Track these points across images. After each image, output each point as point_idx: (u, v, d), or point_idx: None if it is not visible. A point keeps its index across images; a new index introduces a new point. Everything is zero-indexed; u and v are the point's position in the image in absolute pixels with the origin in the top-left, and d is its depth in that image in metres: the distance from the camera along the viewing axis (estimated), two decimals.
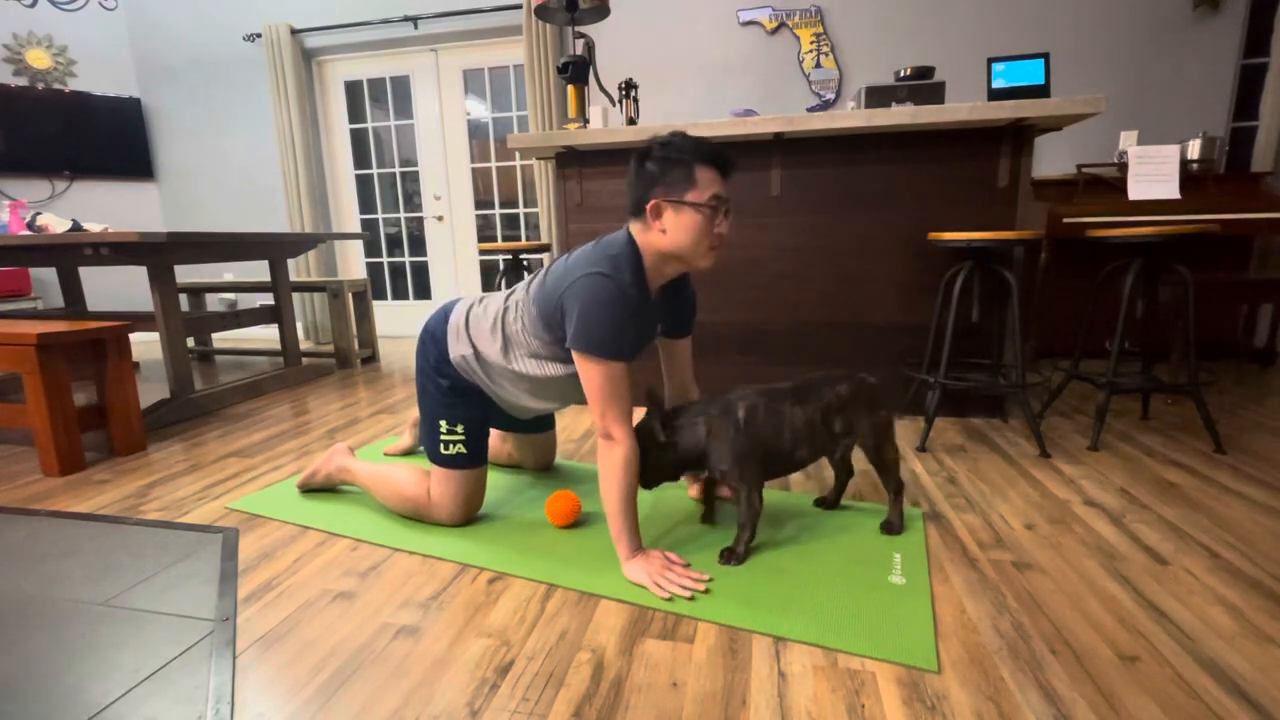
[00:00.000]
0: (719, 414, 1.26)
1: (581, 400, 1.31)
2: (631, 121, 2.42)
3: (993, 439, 2.00)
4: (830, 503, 1.51)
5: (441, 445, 1.41)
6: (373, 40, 4.09)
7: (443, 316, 1.44)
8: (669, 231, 1.22)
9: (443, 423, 1.40)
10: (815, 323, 2.29)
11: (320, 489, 1.68)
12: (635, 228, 1.27)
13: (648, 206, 1.22)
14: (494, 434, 1.82)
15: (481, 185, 4.28)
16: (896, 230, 2.17)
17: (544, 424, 1.73)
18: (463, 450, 1.41)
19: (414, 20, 3.91)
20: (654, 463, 1.28)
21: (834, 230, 2.22)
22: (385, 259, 4.55)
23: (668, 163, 1.20)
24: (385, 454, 1.97)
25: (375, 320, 4.19)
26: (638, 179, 1.23)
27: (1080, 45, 3.21)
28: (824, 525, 1.42)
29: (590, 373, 1.20)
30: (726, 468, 1.24)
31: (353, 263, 4.57)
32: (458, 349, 1.39)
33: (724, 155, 1.22)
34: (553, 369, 1.33)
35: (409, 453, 1.97)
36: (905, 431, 2.09)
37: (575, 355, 1.22)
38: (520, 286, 1.38)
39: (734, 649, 1.00)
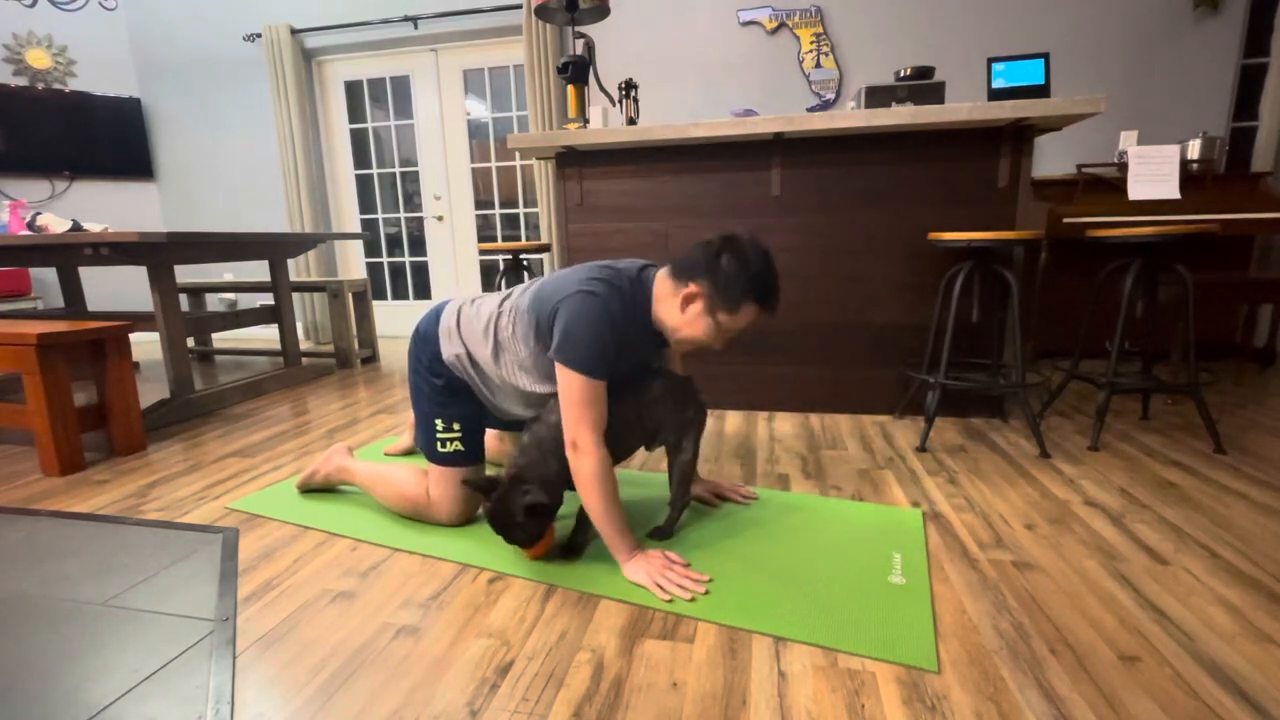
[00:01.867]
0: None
1: None
2: (631, 121, 2.42)
3: (993, 439, 2.00)
4: (663, 532, 1.37)
5: (438, 444, 1.41)
6: (373, 40, 4.09)
7: (434, 318, 1.44)
8: (685, 316, 1.26)
9: (438, 421, 1.40)
10: (815, 323, 2.29)
11: (320, 489, 1.68)
12: (665, 281, 1.28)
13: (687, 290, 1.24)
14: (493, 434, 1.82)
15: (481, 185, 4.28)
16: (896, 230, 2.17)
17: None
18: (460, 448, 1.41)
19: (414, 20, 3.91)
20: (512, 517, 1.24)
21: (834, 230, 2.22)
22: (385, 259, 4.56)
23: (732, 277, 1.21)
24: (385, 454, 1.97)
25: (375, 320, 4.19)
26: (704, 257, 1.23)
27: (1080, 45, 3.21)
28: (824, 525, 1.42)
29: (568, 382, 1.20)
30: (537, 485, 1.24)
31: (353, 263, 4.57)
32: (450, 349, 1.39)
33: (776, 303, 1.27)
34: (541, 389, 1.33)
35: (409, 453, 1.97)
36: (905, 431, 2.09)
37: (555, 363, 1.23)
38: (516, 290, 1.38)
39: (734, 649, 1.00)
